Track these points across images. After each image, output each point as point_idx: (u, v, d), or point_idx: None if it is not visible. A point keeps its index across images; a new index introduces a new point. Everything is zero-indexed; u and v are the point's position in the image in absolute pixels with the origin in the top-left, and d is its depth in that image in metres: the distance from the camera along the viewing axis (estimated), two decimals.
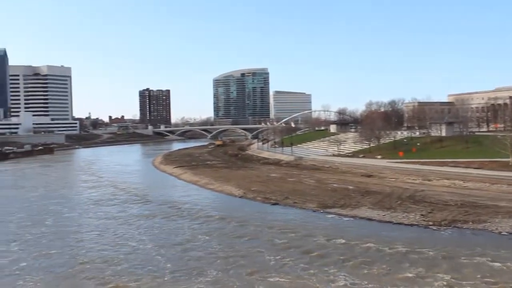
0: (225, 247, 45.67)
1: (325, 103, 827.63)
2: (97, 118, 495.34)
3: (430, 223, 51.55)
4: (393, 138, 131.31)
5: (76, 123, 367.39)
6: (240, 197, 73.78)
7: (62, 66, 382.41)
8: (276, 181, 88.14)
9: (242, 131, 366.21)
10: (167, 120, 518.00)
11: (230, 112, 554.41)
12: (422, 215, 54.66)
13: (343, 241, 45.95)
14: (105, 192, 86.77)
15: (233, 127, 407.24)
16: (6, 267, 41.28)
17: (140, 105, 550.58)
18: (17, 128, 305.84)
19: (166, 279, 37.35)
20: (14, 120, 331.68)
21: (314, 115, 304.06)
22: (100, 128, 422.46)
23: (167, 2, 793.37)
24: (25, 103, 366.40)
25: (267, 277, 36.81)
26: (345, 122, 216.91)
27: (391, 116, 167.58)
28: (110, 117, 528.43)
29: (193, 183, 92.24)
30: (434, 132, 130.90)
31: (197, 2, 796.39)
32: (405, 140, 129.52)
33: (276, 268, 38.89)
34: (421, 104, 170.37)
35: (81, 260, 43.22)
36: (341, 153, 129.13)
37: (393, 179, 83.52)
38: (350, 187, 75.67)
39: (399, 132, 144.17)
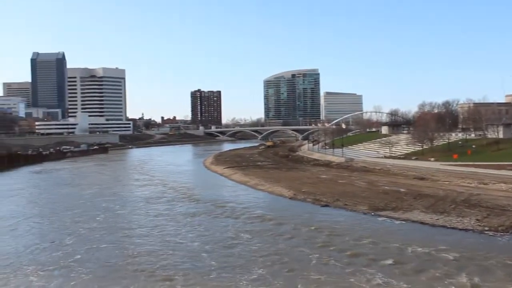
0: (271, 247, 45.35)
1: (377, 104, 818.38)
2: (150, 119, 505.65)
3: (486, 228, 49.49)
4: (447, 140, 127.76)
5: (129, 124, 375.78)
6: (290, 198, 73.23)
7: (116, 68, 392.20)
8: (327, 182, 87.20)
9: (293, 132, 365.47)
10: (218, 121, 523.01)
11: (281, 113, 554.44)
12: (477, 220, 52.62)
13: (395, 244, 44.62)
14: (155, 191, 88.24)
15: (284, 128, 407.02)
16: (61, 259, 42.87)
17: (191, 106, 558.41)
18: (74, 128, 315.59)
19: (212, 276, 37.49)
20: (71, 120, 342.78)
21: (366, 116, 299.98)
22: (153, 129, 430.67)
23: (217, 2, 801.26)
24: (82, 104, 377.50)
25: (313, 278, 36.29)
26: (397, 123, 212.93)
27: (445, 117, 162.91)
28: (162, 117, 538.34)
29: (243, 184, 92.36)
30: (491, 134, 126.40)
31: (247, 3, 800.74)
32: (459, 142, 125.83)
33: (324, 270, 38.22)
34: (477, 105, 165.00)
35: (131, 253, 44.47)
36: (393, 155, 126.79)
37: (447, 182, 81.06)
38: (402, 190, 73.87)
39: (453, 134, 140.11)
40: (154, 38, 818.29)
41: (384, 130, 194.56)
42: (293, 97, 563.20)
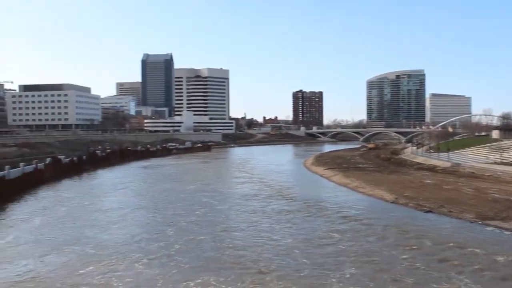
0: (367, 249, 44.23)
1: (487, 107, 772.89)
2: (251, 118, 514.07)
3: None
4: None
5: (232, 123, 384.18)
6: (391, 202, 70.79)
7: (221, 68, 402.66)
8: (431, 187, 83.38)
9: (396, 134, 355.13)
10: (319, 122, 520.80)
11: (384, 114, 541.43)
12: None
13: (502, 258, 41.45)
14: (254, 188, 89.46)
15: (386, 130, 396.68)
16: (163, 249, 44.90)
17: (293, 106, 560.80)
18: (179, 126, 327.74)
19: (304, 273, 37.37)
20: (177, 118, 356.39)
21: (474, 119, 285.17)
22: (255, 128, 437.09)
23: (320, 3, 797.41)
24: (187, 103, 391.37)
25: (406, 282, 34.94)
26: (509, 127, 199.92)
27: None
28: (264, 117, 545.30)
29: (344, 186, 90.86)
30: None
31: (350, 3, 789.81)
32: None
33: (417, 276, 36.62)
34: None
35: (227, 246, 45.83)
36: (504, 161, 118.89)
37: None
38: None
39: None
40: (257, 39, 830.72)
41: (495, 134, 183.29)
42: (397, 99, 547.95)
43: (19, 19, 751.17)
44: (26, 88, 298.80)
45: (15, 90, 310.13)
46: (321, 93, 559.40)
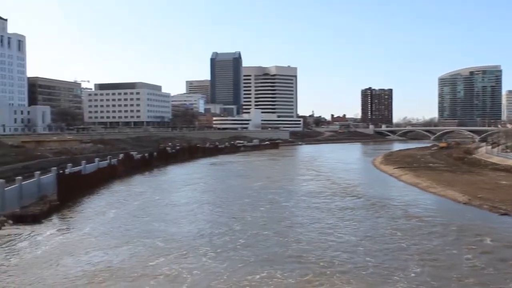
0: (434, 250, 43.24)
1: None
2: (319, 116, 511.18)
3: None
4: None
5: (300, 121, 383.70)
6: (464, 203, 68.17)
7: (288, 66, 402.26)
8: (507, 189, 79.63)
9: (469, 133, 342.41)
10: (388, 120, 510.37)
11: (456, 112, 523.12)
12: None
13: None
14: (321, 186, 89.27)
15: (459, 128, 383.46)
16: (228, 243, 46.04)
17: (361, 104, 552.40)
18: (247, 124, 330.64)
19: (368, 271, 37.17)
20: (245, 116, 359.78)
21: None
22: (322, 126, 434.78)
23: (388, 1, 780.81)
24: (255, 101, 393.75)
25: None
26: None
27: None
28: (332, 115, 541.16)
29: (413, 185, 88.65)
30: None
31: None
32: None
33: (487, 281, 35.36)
34: None
35: (291, 242, 46.45)
36: None
37: None
38: None
39: None
40: (326, 36, 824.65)
41: None
42: (471, 96, 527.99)
43: (94, 22, 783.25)
44: (101, 86, 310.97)
45: (91, 89, 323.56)
46: (390, 90, 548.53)
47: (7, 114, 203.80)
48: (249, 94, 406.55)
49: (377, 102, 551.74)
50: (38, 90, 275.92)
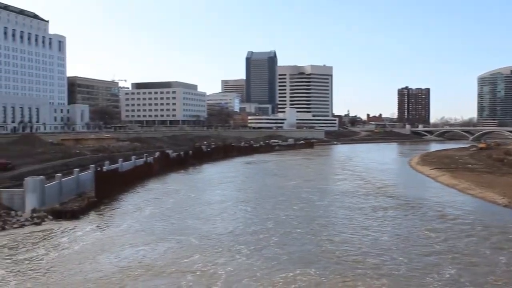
0: (470, 252, 42.66)
1: None
2: (355, 116, 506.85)
3: None
4: None
5: (335, 120, 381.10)
6: (504, 206, 66.49)
7: (324, 65, 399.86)
8: None
9: (509, 133, 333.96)
10: (425, 120, 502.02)
11: (496, 112, 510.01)
12: None
13: None
14: (355, 185, 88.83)
15: (499, 129, 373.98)
16: (261, 241, 46.61)
17: (398, 103, 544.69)
18: (282, 123, 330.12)
19: (400, 271, 37.04)
20: (280, 115, 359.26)
21: None
22: (358, 126, 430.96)
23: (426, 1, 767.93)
24: (290, 100, 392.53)
25: None
26: None
27: None
28: (368, 115, 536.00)
29: (451, 187, 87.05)
30: None
31: None
32: None
33: None
34: None
35: (324, 239, 46.75)
36: None
37: None
38: None
39: None
40: (362, 34, 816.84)
41: None
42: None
43: (132, 23, 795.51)
44: (138, 86, 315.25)
45: (128, 88, 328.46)
46: (427, 89, 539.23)
47: (47, 112, 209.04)
48: (284, 93, 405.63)
49: (413, 101, 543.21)
50: (77, 89, 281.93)
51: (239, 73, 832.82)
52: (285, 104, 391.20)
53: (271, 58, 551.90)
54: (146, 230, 51.19)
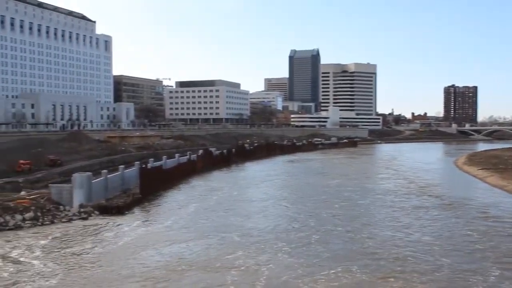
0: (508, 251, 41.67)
1: None
2: (399, 115, 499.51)
3: None
4: None
5: (379, 119, 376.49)
6: None
7: (368, 63, 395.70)
8: None
9: None
10: (472, 119, 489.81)
11: None
12: None
13: None
14: (398, 185, 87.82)
15: None
16: (303, 238, 46.70)
17: (444, 102, 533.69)
18: (325, 121, 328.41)
19: (443, 272, 36.56)
20: (323, 114, 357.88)
21: None
22: (402, 125, 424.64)
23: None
24: (333, 99, 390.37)
25: None
26: None
27: None
28: (412, 113, 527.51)
29: (499, 188, 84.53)
30: None
31: None
32: None
33: None
34: None
35: (365, 237, 46.97)
36: None
37: None
38: None
39: None
40: (406, 32, 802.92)
41: None
42: None
43: (175, 22, 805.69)
44: (182, 84, 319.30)
45: (172, 86, 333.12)
46: (475, 88, 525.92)
47: (94, 110, 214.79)
48: (327, 91, 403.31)
49: (460, 100, 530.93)
50: (122, 87, 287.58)
51: (282, 72, 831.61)
52: (328, 103, 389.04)
53: (314, 56, 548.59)
54: (190, 227, 52.02)
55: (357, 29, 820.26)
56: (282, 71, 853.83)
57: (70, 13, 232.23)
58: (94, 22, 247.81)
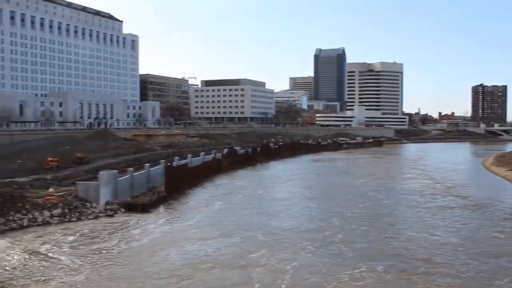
0: None
1: None
2: (426, 114, 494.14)
3: None
4: None
5: (405, 118, 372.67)
6: None
7: (394, 62, 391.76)
8: None
9: None
10: (501, 119, 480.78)
11: None
12: None
13: None
14: (424, 185, 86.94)
15: None
16: (327, 237, 46.96)
17: (472, 101, 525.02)
18: (350, 121, 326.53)
19: (468, 274, 36.22)
20: (348, 113, 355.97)
21: None
22: (429, 124, 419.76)
23: None
24: (359, 98, 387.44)
25: None
26: None
27: None
28: (439, 113, 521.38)
29: None
30: None
31: None
32: None
33: None
34: None
35: (389, 237, 46.87)
36: None
37: None
38: None
39: None
40: (433, 30, 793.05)
41: None
42: None
43: (201, 21, 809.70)
44: (207, 83, 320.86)
45: (197, 85, 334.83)
46: (504, 87, 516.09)
47: (121, 109, 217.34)
48: (353, 90, 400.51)
49: (489, 99, 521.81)
50: (149, 86, 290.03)
51: (307, 71, 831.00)
52: (354, 102, 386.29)
53: (340, 55, 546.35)
54: (215, 225, 52.38)
55: (383, 28, 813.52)
56: (307, 70, 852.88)
57: (98, 13, 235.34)
58: (121, 21, 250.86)
